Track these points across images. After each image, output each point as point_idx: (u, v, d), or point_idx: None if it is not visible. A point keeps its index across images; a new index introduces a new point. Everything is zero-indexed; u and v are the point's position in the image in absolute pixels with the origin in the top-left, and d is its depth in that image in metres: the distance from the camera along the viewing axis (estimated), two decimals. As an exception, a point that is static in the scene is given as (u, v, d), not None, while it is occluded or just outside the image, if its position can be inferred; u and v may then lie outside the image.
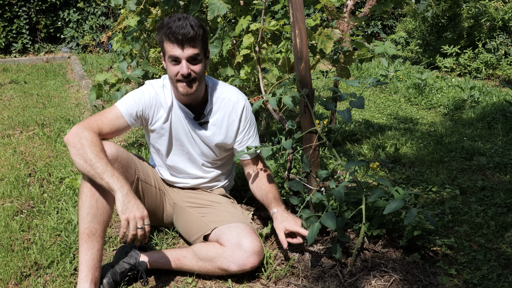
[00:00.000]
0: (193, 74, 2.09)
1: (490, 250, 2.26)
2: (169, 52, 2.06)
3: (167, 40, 2.05)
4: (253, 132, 2.36)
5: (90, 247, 1.91)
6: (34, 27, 9.90)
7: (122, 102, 2.16)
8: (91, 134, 1.95)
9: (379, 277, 2.02)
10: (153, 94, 2.20)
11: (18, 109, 5.43)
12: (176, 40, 2.02)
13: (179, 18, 2.04)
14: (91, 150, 1.89)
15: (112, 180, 1.84)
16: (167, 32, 2.03)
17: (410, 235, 2.16)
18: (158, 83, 2.24)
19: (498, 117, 4.72)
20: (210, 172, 2.40)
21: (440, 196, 2.89)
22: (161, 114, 2.22)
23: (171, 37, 2.02)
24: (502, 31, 7.97)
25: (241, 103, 2.29)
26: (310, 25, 2.79)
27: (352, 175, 2.07)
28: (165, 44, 2.07)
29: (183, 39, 2.01)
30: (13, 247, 2.40)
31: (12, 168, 3.48)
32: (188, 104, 2.23)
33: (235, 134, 2.31)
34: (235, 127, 2.29)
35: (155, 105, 2.20)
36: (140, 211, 1.82)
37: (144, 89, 2.21)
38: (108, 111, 2.13)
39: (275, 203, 2.23)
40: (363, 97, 2.03)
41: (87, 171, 1.88)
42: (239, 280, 2.08)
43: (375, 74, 7.31)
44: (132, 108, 2.15)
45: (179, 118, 2.24)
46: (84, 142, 1.91)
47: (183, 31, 2.01)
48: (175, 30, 2.01)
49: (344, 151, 3.79)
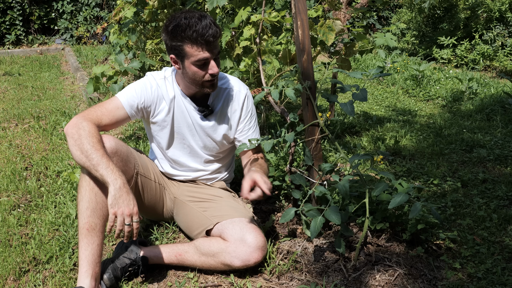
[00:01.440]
0: (217, 72, 2.05)
1: (494, 243, 2.25)
2: (197, 56, 1.97)
3: (193, 43, 1.95)
4: (254, 122, 2.34)
5: (90, 242, 1.88)
6: (28, 19, 9.80)
7: (123, 93, 2.12)
8: (89, 124, 1.92)
9: (383, 272, 2.00)
10: (155, 86, 2.16)
11: (13, 101, 5.37)
12: (206, 43, 1.94)
13: (199, 17, 1.95)
14: (88, 141, 1.86)
15: (106, 172, 1.81)
16: (193, 35, 1.93)
17: (414, 229, 2.14)
18: (159, 75, 2.20)
19: (496, 108, 4.70)
20: (211, 165, 2.37)
21: (442, 189, 2.87)
22: (163, 106, 2.18)
23: (200, 39, 1.93)
24: (499, 22, 7.95)
25: (243, 92, 2.27)
26: (311, 17, 2.75)
27: (355, 168, 2.05)
28: (189, 47, 1.97)
29: (212, 40, 1.95)
30: (11, 242, 2.37)
31: (8, 161, 3.44)
32: (193, 96, 2.19)
33: (237, 124, 2.28)
34: (237, 116, 2.27)
35: (157, 97, 2.17)
36: (130, 207, 1.79)
37: (145, 81, 2.17)
38: (109, 102, 2.09)
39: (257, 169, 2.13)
40: (366, 90, 2.00)
41: (83, 162, 1.85)
42: (242, 275, 2.06)
43: (372, 66, 7.28)
44: (134, 100, 2.11)
45: (182, 111, 2.20)
46: (82, 132, 1.88)
47: (212, 32, 1.93)
48: (203, 32, 1.92)
49: (344, 143, 3.76)
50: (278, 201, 2.68)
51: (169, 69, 2.23)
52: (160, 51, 4.01)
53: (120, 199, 1.78)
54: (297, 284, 1.98)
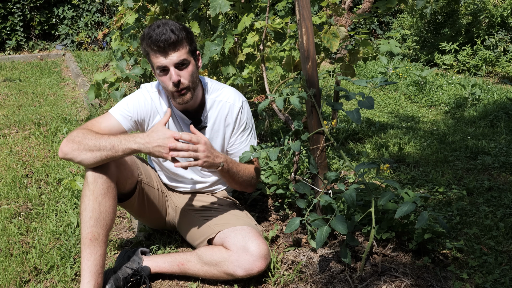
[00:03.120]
0: (184, 81, 1.99)
1: (501, 253, 2.21)
2: (156, 64, 1.97)
3: (151, 51, 1.96)
4: (247, 136, 2.27)
5: (93, 252, 1.86)
6: (28, 24, 9.80)
7: (116, 109, 2.08)
8: (80, 130, 1.91)
9: (390, 282, 1.97)
10: (149, 100, 2.13)
11: (14, 107, 5.35)
12: (159, 49, 1.92)
13: (158, 25, 1.94)
14: (88, 139, 1.85)
15: (124, 146, 1.85)
16: (148, 42, 1.94)
17: (421, 239, 2.10)
18: (153, 88, 2.16)
19: (500, 115, 4.68)
20: (209, 177, 2.34)
21: (447, 197, 2.84)
22: (157, 119, 2.14)
23: (153, 46, 1.93)
24: (501, 27, 7.94)
25: (237, 105, 2.20)
26: (315, 23, 2.73)
27: (361, 177, 2.02)
28: (151, 56, 1.98)
29: (165, 46, 1.92)
30: (12, 251, 2.34)
31: (9, 168, 3.41)
32: (185, 110, 2.16)
33: (229, 137, 2.24)
34: (230, 129, 2.22)
35: (150, 111, 2.13)
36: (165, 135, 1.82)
37: (139, 96, 2.13)
38: (102, 118, 2.06)
39: None
40: (372, 98, 1.98)
41: (100, 157, 1.85)
42: (246, 285, 2.03)
43: (374, 72, 7.26)
44: (127, 114, 2.08)
45: (175, 125, 2.17)
46: (78, 139, 1.86)
47: (164, 37, 1.91)
48: (156, 39, 1.91)
49: (347, 150, 3.73)
50: (282, 210, 2.65)
51: None
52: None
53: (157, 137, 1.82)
54: (302, 295, 1.95)
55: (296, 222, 2.10)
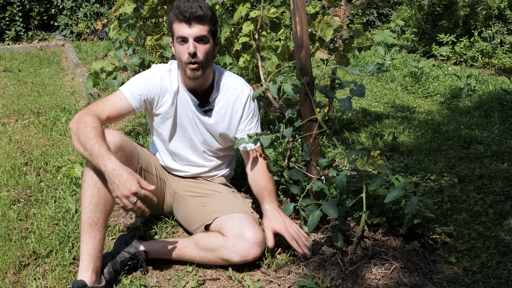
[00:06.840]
0: (199, 55, 2.06)
1: (489, 238, 2.27)
2: (177, 33, 2.05)
3: (176, 20, 2.04)
4: (255, 123, 2.34)
5: (92, 236, 1.90)
6: (27, 14, 9.79)
7: (127, 86, 2.15)
8: (89, 117, 1.95)
9: (379, 265, 2.02)
10: (159, 78, 2.19)
11: (13, 97, 5.39)
12: (184, 18, 2.01)
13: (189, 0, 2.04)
14: (83, 132, 1.89)
15: (97, 160, 1.84)
16: (175, 12, 2.03)
17: (410, 223, 2.16)
18: (164, 68, 2.22)
19: (494, 105, 4.72)
20: (211, 161, 2.39)
21: (439, 184, 2.89)
22: (167, 98, 2.20)
23: (179, 15, 2.02)
24: (498, 19, 7.96)
25: (246, 92, 2.27)
26: (309, 13, 2.76)
27: (352, 163, 2.07)
28: (174, 25, 2.06)
29: (190, 17, 2.01)
30: (11, 237, 2.39)
31: (8, 156, 3.45)
32: (194, 90, 2.21)
33: (238, 123, 2.29)
34: (238, 116, 2.28)
35: (160, 89, 2.19)
36: (126, 188, 1.77)
37: (149, 74, 2.19)
38: (112, 95, 2.13)
39: (268, 200, 2.22)
40: (364, 86, 2.02)
41: (81, 153, 1.90)
42: (240, 268, 2.08)
43: (371, 63, 7.29)
44: (137, 92, 2.13)
45: (184, 104, 2.23)
46: (80, 125, 1.92)
47: (191, 10, 2.00)
48: (183, 9, 2.01)
49: (342, 139, 3.78)
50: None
51: (175, 63, 2.25)
52: (159, 47, 4.03)
53: (115, 183, 1.79)
54: (295, 277, 2.00)
55: (290, 207, 2.16)
